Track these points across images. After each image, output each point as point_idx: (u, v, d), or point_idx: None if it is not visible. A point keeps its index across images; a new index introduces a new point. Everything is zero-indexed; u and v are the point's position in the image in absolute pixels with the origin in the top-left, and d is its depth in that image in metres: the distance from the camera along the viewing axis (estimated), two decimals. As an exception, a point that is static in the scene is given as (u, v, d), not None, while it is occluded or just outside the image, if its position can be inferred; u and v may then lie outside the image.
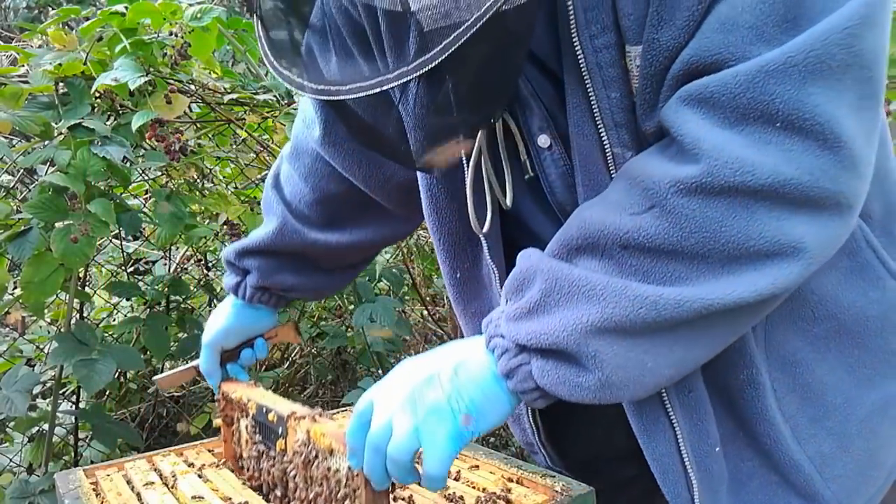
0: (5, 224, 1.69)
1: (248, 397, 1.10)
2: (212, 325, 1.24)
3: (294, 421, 0.95)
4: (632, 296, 0.69)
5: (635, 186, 0.72)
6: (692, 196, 0.68)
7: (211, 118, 2.05)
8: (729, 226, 0.67)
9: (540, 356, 0.73)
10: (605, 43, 0.73)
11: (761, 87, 0.65)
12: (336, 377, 2.64)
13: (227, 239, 2.27)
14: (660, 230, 0.69)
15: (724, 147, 0.66)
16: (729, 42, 0.66)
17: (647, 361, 0.71)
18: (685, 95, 0.69)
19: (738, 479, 0.85)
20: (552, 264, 0.75)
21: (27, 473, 1.87)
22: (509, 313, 0.76)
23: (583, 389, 0.72)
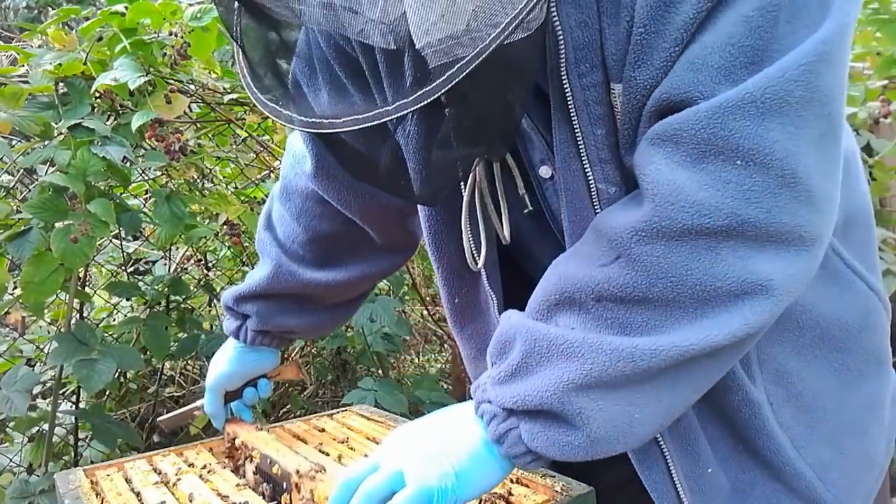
0: (5, 224, 1.69)
1: (253, 445, 1.11)
2: (215, 369, 1.25)
3: (298, 478, 0.97)
4: (608, 350, 0.70)
5: (601, 238, 0.73)
6: (654, 242, 0.69)
7: (211, 118, 2.05)
8: (694, 269, 0.68)
9: (528, 419, 0.73)
10: (593, 81, 0.74)
11: (721, 124, 0.65)
12: (336, 377, 2.64)
13: (226, 239, 2.28)
14: (628, 279, 0.70)
15: (683, 189, 0.67)
16: (697, 81, 0.67)
17: (634, 413, 0.72)
18: (652, 135, 0.70)
19: (741, 490, 0.86)
20: (530, 325, 0.76)
21: (27, 473, 1.87)
22: (494, 377, 0.77)
23: (573, 448, 0.72)
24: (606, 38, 0.72)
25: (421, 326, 3.09)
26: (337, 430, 1.31)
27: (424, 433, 0.78)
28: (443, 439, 0.76)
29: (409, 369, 3.03)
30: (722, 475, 0.86)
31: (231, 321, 1.24)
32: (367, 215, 1.12)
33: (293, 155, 1.18)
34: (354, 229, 1.15)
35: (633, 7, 0.70)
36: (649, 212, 0.69)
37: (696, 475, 0.85)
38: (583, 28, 0.72)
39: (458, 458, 0.74)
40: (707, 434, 0.86)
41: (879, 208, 2.57)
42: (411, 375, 2.74)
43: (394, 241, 1.16)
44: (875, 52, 2.35)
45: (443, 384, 2.80)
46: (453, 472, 0.73)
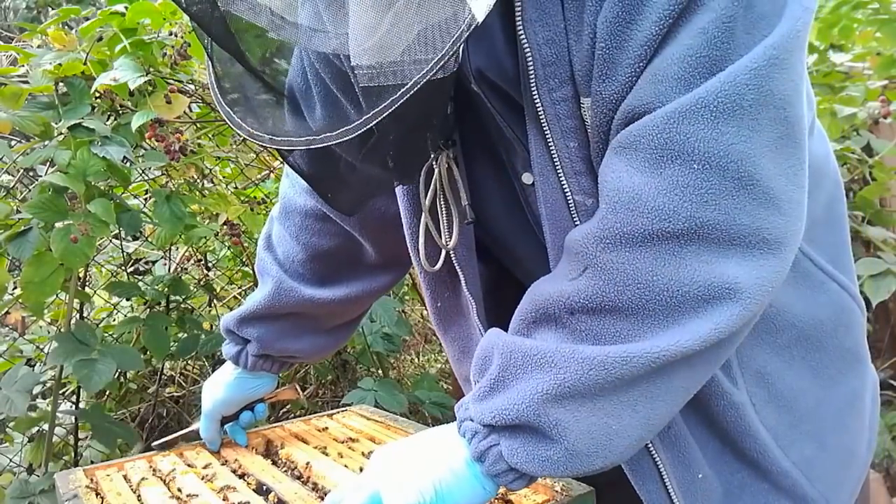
0: (5, 224, 1.69)
1: (249, 472, 1.12)
2: (212, 395, 1.23)
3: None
4: (579, 358, 0.70)
5: (570, 253, 0.75)
6: (618, 249, 0.69)
7: (211, 118, 2.05)
8: (660, 274, 0.68)
9: (507, 434, 0.73)
10: (563, 96, 0.75)
11: (676, 128, 0.66)
12: (336, 377, 2.64)
13: (226, 239, 2.28)
14: (596, 289, 0.71)
15: (641, 194, 0.68)
16: (658, 91, 0.68)
17: (612, 424, 0.72)
18: (614, 144, 0.71)
19: (731, 492, 0.87)
20: (507, 339, 0.77)
21: (27, 473, 1.87)
22: (475, 394, 0.77)
23: (552, 463, 0.72)
24: (573, 54, 0.73)
25: (421, 326, 3.09)
26: (337, 431, 1.31)
27: (407, 453, 0.78)
28: (426, 459, 0.76)
29: (409, 369, 3.03)
30: (713, 479, 0.87)
31: (231, 346, 1.23)
32: (366, 227, 1.14)
33: (290, 174, 1.20)
34: (353, 246, 1.16)
35: (595, 24, 0.71)
36: (610, 219, 0.70)
37: (689, 482, 0.86)
38: (550, 45, 0.74)
39: (440, 477, 0.74)
40: (695, 439, 0.86)
41: (879, 208, 2.56)
42: (411, 375, 2.74)
43: (391, 255, 1.17)
44: (875, 53, 2.35)
45: (443, 384, 2.80)
46: (433, 492, 0.73)
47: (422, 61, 0.61)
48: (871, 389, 0.97)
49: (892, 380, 2.94)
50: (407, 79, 0.62)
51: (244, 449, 1.25)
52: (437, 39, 0.61)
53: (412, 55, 0.62)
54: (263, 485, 1.06)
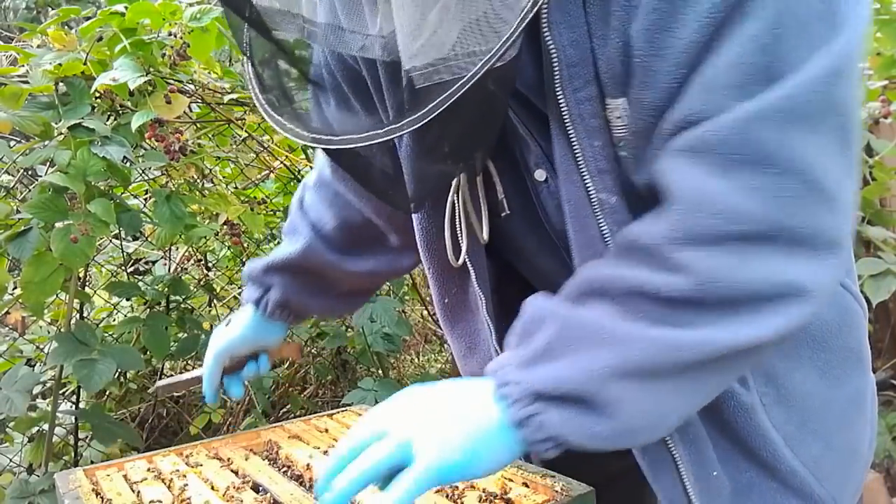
0: (5, 224, 1.69)
1: (247, 472, 1.12)
2: (224, 335, 1.26)
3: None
4: (650, 339, 0.71)
5: (635, 248, 0.74)
6: (691, 249, 0.70)
7: (211, 118, 2.05)
8: (731, 273, 0.70)
9: (554, 404, 0.72)
10: (587, 96, 0.77)
11: (747, 134, 0.68)
12: (336, 377, 2.64)
13: (226, 239, 2.28)
14: (670, 285, 0.71)
15: (711, 197, 0.69)
16: (713, 100, 0.69)
17: (663, 406, 0.73)
18: (675, 148, 0.72)
19: (739, 491, 0.88)
20: (562, 308, 0.76)
21: (27, 473, 1.87)
22: (519, 359, 0.75)
23: (599, 438, 0.72)
24: (598, 56, 0.75)
25: (421, 326, 3.09)
26: (337, 431, 1.31)
27: (436, 406, 0.76)
28: (456, 416, 0.74)
29: (409, 369, 3.03)
30: (723, 477, 0.87)
31: (253, 290, 1.26)
32: (382, 214, 1.16)
33: None
34: (377, 226, 1.20)
35: (628, 32, 0.72)
36: (681, 219, 0.71)
37: (704, 478, 0.86)
38: (575, 46, 0.75)
39: (471, 437, 0.73)
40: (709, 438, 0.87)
41: (879, 208, 2.56)
42: (411, 375, 2.74)
43: (408, 241, 1.17)
44: (875, 53, 2.35)
45: (443, 384, 2.80)
46: (463, 451, 0.72)
47: (480, 51, 0.62)
48: (871, 389, 0.98)
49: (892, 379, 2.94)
50: (465, 72, 0.62)
51: (244, 449, 1.25)
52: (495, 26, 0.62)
53: (466, 48, 0.63)
54: (260, 485, 1.06)
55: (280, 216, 2.43)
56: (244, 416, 2.32)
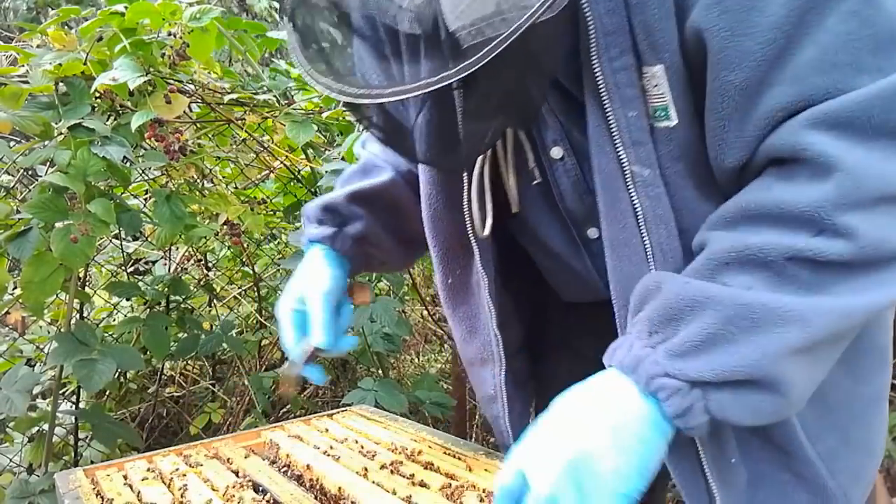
0: (5, 224, 1.69)
1: (248, 473, 1.12)
2: (317, 282, 1.07)
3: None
4: (827, 310, 0.71)
5: (787, 219, 0.73)
6: (853, 211, 0.71)
7: (211, 118, 2.05)
8: (889, 233, 0.72)
9: (718, 389, 0.71)
10: (623, 65, 0.78)
11: (885, 106, 0.70)
12: (336, 377, 2.64)
13: (226, 239, 2.28)
14: (833, 248, 0.71)
15: (866, 162, 0.70)
16: (833, 80, 0.71)
17: (817, 373, 0.75)
18: (811, 121, 0.72)
19: (752, 482, 0.87)
20: (722, 290, 0.73)
21: (27, 473, 1.87)
22: (669, 349, 0.73)
23: (763, 414, 0.73)
24: (634, 24, 0.76)
25: (421, 326, 3.09)
26: (338, 431, 1.31)
27: (585, 444, 0.71)
28: (608, 439, 0.71)
29: (409, 369, 3.03)
30: (741, 465, 0.87)
31: (326, 227, 1.13)
32: None
33: None
34: None
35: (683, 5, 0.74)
36: (846, 185, 0.71)
37: (723, 465, 0.86)
38: (611, 15, 0.77)
39: (637, 453, 0.71)
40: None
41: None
42: (411, 375, 2.74)
43: None
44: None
45: (443, 384, 2.80)
46: (635, 470, 0.71)
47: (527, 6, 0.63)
48: (888, 388, 0.99)
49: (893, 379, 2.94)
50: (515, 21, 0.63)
51: (244, 449, 1.25)
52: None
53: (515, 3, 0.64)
54: (260, 485, 1.06)
55: (280, 216, 2.43)
56: (244, 416, 2.32)
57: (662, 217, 0.81)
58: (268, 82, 2.03)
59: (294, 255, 1.93)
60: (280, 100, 2.01)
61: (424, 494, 0.98)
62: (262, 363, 2.56)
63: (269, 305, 2.54)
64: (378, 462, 1.12)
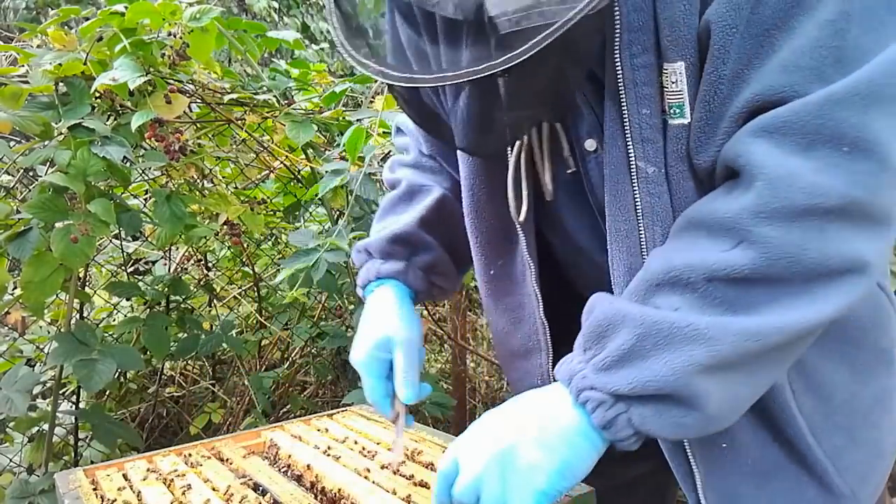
0: (5, 224, 1.69)
1: (248, 473, 1.11)
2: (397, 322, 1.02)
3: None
4: (735, 330, 0.72)
5: (716, 229, 0.76)
6: (773, 223, 0.72)
7: (211, 118, 2.05)
8: (807, 248, 0.72)
9: (640, 403, 0.75)
10: (644, 62, 0.80)
11: (829, 114, 0.71)
12: (336, 377, 2.64)
13: (226, 239, 2.28)
14: (748, 260, 0.73)
15: (796, 173, 0.72)
16: (792, 81, 0.73)
17: (744, 389, 0.76)
18: (754, 128, 0.75)
19: (763, 473, 0.89)
20: (637, 309, 0.76)
21: (27, 473, 1.87)
22: (597, 364, 0.77)
23: (686, 428, 0.75)
24: (660, 20, 0.78)
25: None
26: (338, 431, 1.31)
27: (512, 438, 0.77)
28: (535, 437, 0.76)
29: (409, 369, 3.03)
30: (742, 454, 0.88)
31: (395, 262, 1.08)
32: None
33: (409, 133, 1.24)
34: None
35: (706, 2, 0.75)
36: (765, 194, 0.73)
37: (709, 448, 0.88)
38: (638, 12, 0.78)
39: (559, 453, 0.76)
40: None
41: None
42: (411, 375, 2.73)
43: None
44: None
45: (443, 384, 2.80)
46: (556, 469, 0.75)
47: None
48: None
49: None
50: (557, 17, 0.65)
51: (244, 449, 1.25)
52: None
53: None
54: (260, 485, 1.06)
55: (280, 216, 2.43)
56: (244, 416, 2.32)
57: (660, 215, 0.84)
58: (268, 82, 2.03)
59: (294, 255, 1.92)
60: (280, 100, 2.01)
61: (424, 494, 0.98)
62: (262, 363, 2.56)
63: (269, 305, 2.54)
64: (378, 462, 1.12)
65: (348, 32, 0.77)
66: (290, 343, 2.45)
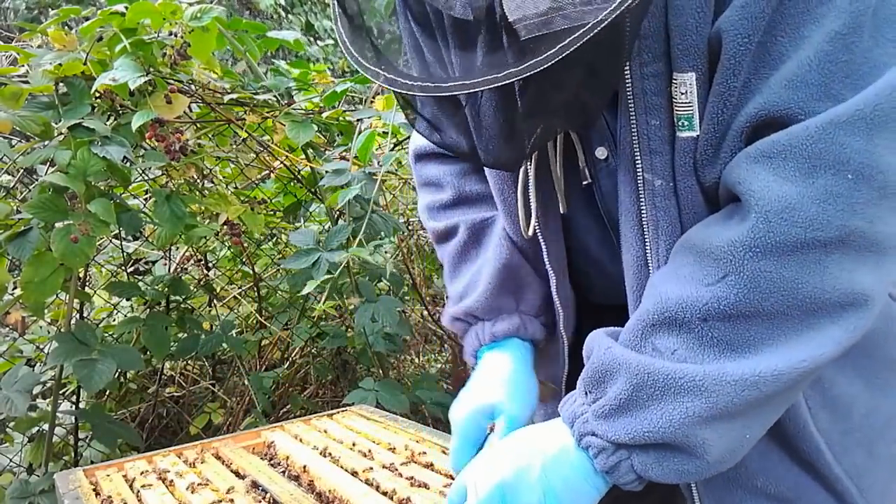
0: (5, 224, 1.69)
1: (248, 473, 1.11)
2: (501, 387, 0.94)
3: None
4: (730, 381, 0.70)
5: (706, 257, 0.73)
6: (766, 257, 0.70)
7: (211, 118, 2.05)
8: (804, 282, 0.69)
9: (641, 451, 0.74)
10: (654, 72, 0.77)
11: (832, 138, 0.68)
12: (336, 377, 2.64)
13: (226, 239, 2.28)
14: (739, 296, 0.70)
15: (795, 204, 0.69)
16: (798, 98, 0.70)
17: (746, 433, 0.74)
18: (755, 153, 0.71)
19: (780, 493, 0.86)
20: (633, 357, 0.75)
21: (27, 473, 1.87)
22: (597, 410, 0.76)
23: (688, 474, 0.74)
24: (671, 28, 0.74)
25: (421, 326, 3.09)
26: (337, 431, 1.31)
27: (516, 475, 0.77)
28: (538, 477, 0.77)
29: (409, 369, 3.03)
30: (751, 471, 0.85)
31: (504, 320, 0.99)
32: None
33: None
34: None
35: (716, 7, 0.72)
36: (761, 227, 0.70)
37: None
38: (649, 17, 0.74)
39: (557, 495, 0.76)
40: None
41: None
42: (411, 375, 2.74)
43: None
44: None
45: (443, 384, 2.80)
46: None
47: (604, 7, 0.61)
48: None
49: None
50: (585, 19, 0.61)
51: (243, 449, 1.25)
52: None
53: None
54: (260, 485, 1.06)
55: (280, 216, 2.43)
56: (244, 416, 2.32)
57: (665, 229, 0.81)
58: (268, 82, 2.03)
59: (294, 255, 1.93)
60: (280, 100, 2.01)
61: (424, 495, 0.98)
62: (262, 363, 2.56)
63: (268, 305, 2.54)
64: (378, 462, 1.12)
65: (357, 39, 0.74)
66: (290, 343, 2.45)
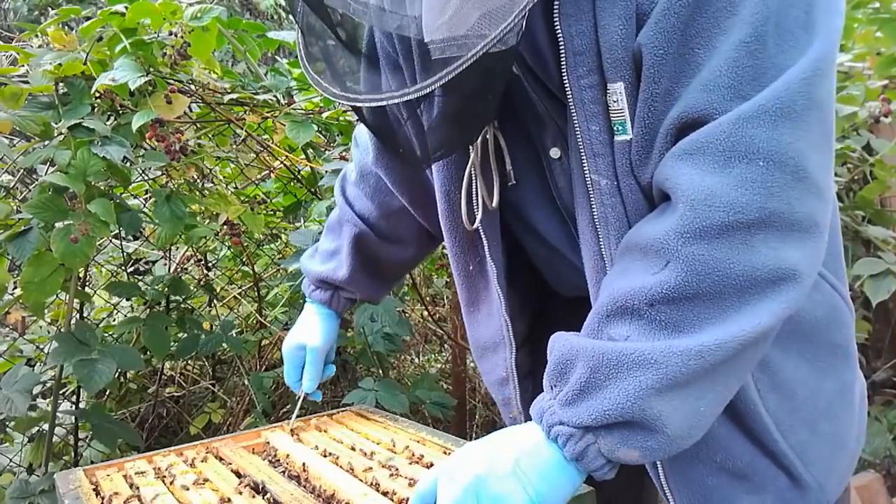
0: (5, 224, 1.69)
1: (247, 472, 1.11)
2: (312, 333, 1.36)
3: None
4: (677, 351, 0.76)
5: (648, 250, 0.81)
6: (698, 241, 0.77)
7: (211, 118, 2.05)
8: (735, 261, 0.77)
9: (605, 432, 0.79)
10: (590, 83, 0.86)
11: (741, 132, 0.77)
12: (336, 377, 2.64)
13: (226, 239, 2.27)
14: (679, 280, 0.77)
15: (716, 192, 0.77)
16: (712, 100, 0.78)
17: (700, 406, 0.80)
18: (678, 152, 0.80)
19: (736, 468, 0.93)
20: (589, 343, 0.81)
21: (27, 473, 1.87)
22: (561, 399, 0.82)
23: (653, 451, 0.79)
24: (601, 45, 0.84)
25: (421, 326, 3.09)
26: (337, 431, 1.31)
27: (489, 468, 0.80)
28: (510, 471, 0.80)
29: (409, 369, 3.03)
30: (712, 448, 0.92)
31: (321, 293, 1.37)
32: (416, 200, 1.26)
33: (359, 146, 1.37)
34: (412, 213, 1.30)
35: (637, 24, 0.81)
36: (689, 215, 0.77)
37: None
38: (581, 37, 0.85)
39: (534, 485, 0.79)
40: None
41: (880, 208, 2.56)
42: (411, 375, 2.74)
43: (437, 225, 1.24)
44: (875, 52, 2.35)
45: (443, 384, 2.80)
46: (531, 500, 0.78)
47: (485, 35, 0.72)
48: (860, 388, 1.04)
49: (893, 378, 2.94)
50: (472, 49, 0.72)
51: (243, 449, 1.25)
52: (500, 18, 0.72)
53: (478, 30, 0.72)
54: (260, 485, 1.06)
55: (280, 216, 2.43)
56: (244, 416, 2.32)
57: (615, 225, 0.89)
58: (268, 82, 2.03)
59: (294, 255, 1.93)
60: (280, 100, 2.01)
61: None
62: (262, 363, 2.56)
63: (268, 305, 2.53)
64: (378, 462, 1.12)
65: (307, 49, 0.86)
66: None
